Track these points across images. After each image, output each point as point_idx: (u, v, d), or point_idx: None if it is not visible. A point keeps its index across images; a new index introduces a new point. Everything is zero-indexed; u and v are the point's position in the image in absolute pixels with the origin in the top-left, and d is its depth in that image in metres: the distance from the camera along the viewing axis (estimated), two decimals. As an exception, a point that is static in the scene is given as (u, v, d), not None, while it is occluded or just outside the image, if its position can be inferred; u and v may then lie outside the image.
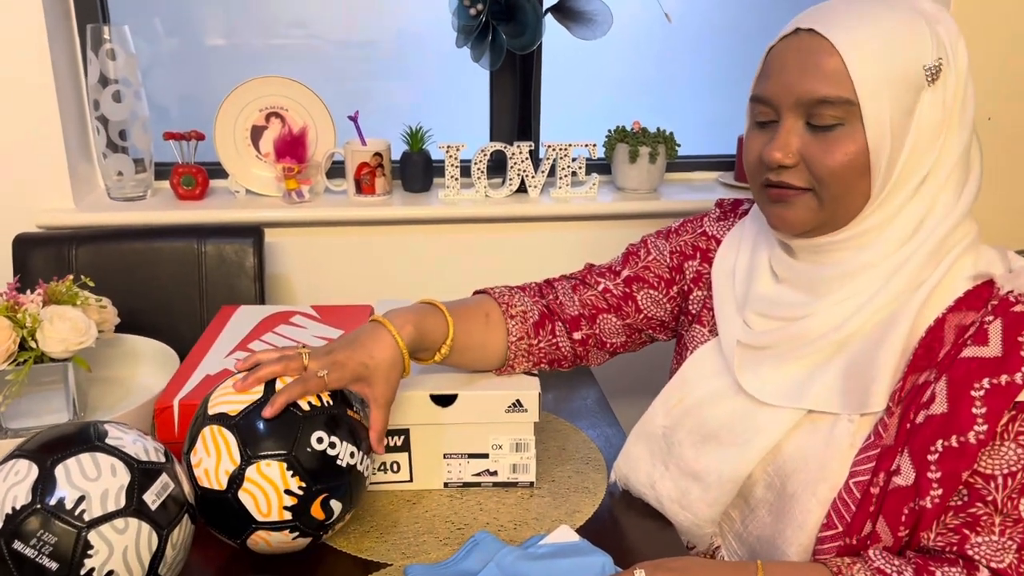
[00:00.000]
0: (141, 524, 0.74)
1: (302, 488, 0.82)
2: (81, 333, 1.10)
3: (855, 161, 0.81)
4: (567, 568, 0.84)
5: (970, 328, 0.81)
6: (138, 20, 1.67)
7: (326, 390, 0.86)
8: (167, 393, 1.02)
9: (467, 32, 1.62)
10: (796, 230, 0.87)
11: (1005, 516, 0.77)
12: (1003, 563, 0.77)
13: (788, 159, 0.84)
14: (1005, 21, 1.62)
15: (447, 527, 0.96)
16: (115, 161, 1.62)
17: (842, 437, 0.83)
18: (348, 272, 1.70)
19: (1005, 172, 1.70)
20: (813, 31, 0.82)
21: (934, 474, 0.78)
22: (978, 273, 0.84)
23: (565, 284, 1.09)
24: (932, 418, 0.79)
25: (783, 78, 0.83)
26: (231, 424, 0.82)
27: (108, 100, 1.57)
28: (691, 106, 1.88)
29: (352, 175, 1.65)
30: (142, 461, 0.76)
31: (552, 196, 1.71)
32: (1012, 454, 0.78)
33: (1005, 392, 0.77)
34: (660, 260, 1.07)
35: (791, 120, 0.84)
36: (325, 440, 0.83)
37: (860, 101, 0.80)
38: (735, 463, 0.89)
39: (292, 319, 1.24)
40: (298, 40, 1.76)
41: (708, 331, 1.01)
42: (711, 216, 1.09)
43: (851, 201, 0.84)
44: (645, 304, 1.06)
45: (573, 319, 1.06)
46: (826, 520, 0.82)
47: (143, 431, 0.82)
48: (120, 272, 1.49)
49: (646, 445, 0.99)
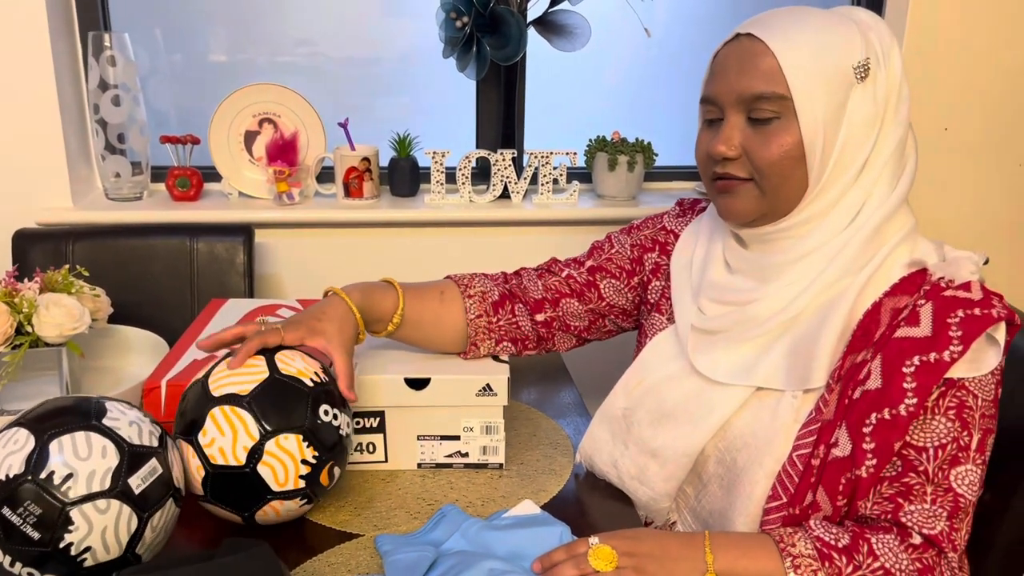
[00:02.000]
0: (123, 506, 0.76)
1: (316, 458, 0.88)
2: (75, 319, 1.16)
3: (791, 152, 0.88)
4: (527, 536, 0.89)
5: (904, 311, 0.87)
6: (141, 31, 1.74)
7: (282, 342, 0.93)
8: (155, 375, 1.07)
9: (453, 44, 1.68)
10: (742, 218, 0.94)
11: (936, 485, 0.83)
12: (935, 529, 0.82)
13: (731, 151, 0.91)
14: (960, 39, 1.69)
15: (418, 503, 1.01)
16: (113, 163, 1.68)
17: (786, 412, 0.89)
18: (335, 272, 1.76)
19: (959, 179, 1.77)
20: (751, 35, 0.90)
21: (868, 445, 0.84)
22: (913, 261, 0.90)
23: (531, 272, 1.16)
24: (867, 393, 0.85)
25: (725, 78, 0.91)
26: (244, 402, 0.87)
27: (107, 104, 1.63)
28: (669, 118, 1.94)
29: (341, 179, 1.72)
30: (134, 444, 0.79)
31: (534, 202, 1.77)
32: (942, 427, 0.84)
33: (934, 368, 0.83)
34: (622, 252, 1.14)
35: (734, 116, 0.91)
36: (330, 412, 0.90)
37: (793, 96, 0.87)
38: (689, 439, 0.95)
39: (278, 311, 1.29)
40: (302, 57, 1.83)
41: (666, 319, 1.07)
42: (671, 213, 1.16)
43: (790, 190, 0.90)
44: (607, 292, 1.13)
45: (536, 302, 1.12)
46: (771, 492, 0.88)
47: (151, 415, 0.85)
48: (115, 267, 1.54)
49: (608, 426, 1.04)
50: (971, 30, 1.69)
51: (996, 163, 1.78)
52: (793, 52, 0.87)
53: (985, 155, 1.77)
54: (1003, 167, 1.79)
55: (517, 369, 1.10)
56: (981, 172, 1.78)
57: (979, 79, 1.72)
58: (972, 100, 1.73)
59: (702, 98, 0.96)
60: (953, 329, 0.84)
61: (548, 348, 1.16)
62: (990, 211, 1.81)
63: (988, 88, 1.73)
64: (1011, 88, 1.74)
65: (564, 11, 1.68)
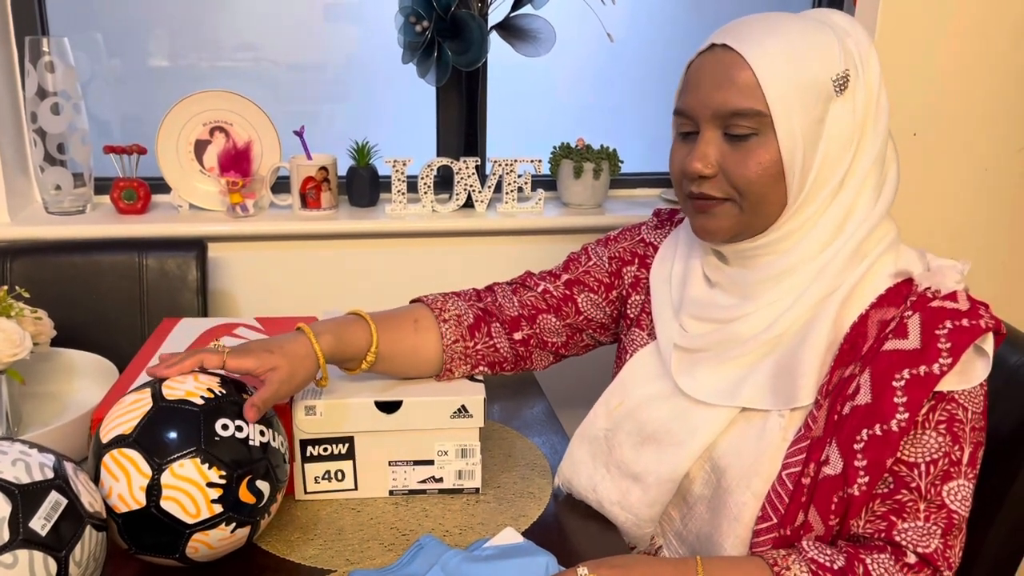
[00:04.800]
0: (32, 553, 0.69)
1: (223, 476, 0.81)
2: (15, 345, 1.08)
3: (770, 169, 0.85)
4: (511, 569, 0.84)
5: (891, 323, 0.85)
6: (80, 35, 1.65)
7: (222, 367, 0.87)
8: (106, 401, 1.00)
9: (413, 49, 1.63)
10: (719, 238, 0.91)
11: (929, 502, 0.81)
12: (929, 548, 0.80)
13: (707, 169, 0.87)
14: (929, 42, 1.70)
15: (392, 533, 0.95)
16: (53, 174, 1.59)
17: (773, 431, 0.86)
18: (293, 287, 1.69)
19: (927, 184, 1.78)
20: (727, 46, 0.86)
21: (860, 462, 0.81)
22: (898, 271, 0.88)
23: (504, 288, 1.11)
24: (857, 408, 0.83)
25: (700, 92, 0.87)
26: (129, 441, 0.81)
27: (46, 113, 1.54)
28: (634, 125, 1.92)
29: (297, 189, 1.65)
30: (23, 484, 0.72)
31: (499, 211, 1.73)
32: (933, 443, 0.81)
33: (924, 382, 0.81)
34: (600, 265, 1.10)
35: (710, 132, 0.87)
36: (230, 425, 0.83)
37: (772, 112, 0.83)
38: (673, 463, 0.91)
39: (235, 331, 1.23)
40: (245, 63, 1.76)
41: (647, 335, 1.04)
42: (648, 224, 1.12)
43: (769, 207, 0.87)
44: (585, 307, 1.09)
45: (513, 319, 1.08)
46: (761, 512, 0.85)
47: (42, 444, 0.78)
48: (57, 286, 1.46)
49: (588, 448, 1.00)
50: (938, 35, 1.70)
51: (963, 167, 1.80)
52: (771, 65, 0.83)
53: (951, 159, 1.78)
54: (969, 171, 1.81)
55: (486, 385, 1.05)
56: (949, 176, 1.79)
57: (945, 84, 1.73)
58: (939, 105, 1.74)
59: (676, 110, 0.92)
60: (942, 341, 0.82)
61: (525, 367, 1.11)
62: (959, 215, 1.83)
63: (954, 92, 1.74)
64: (975, 92, 1.75)
65: (527, 15, 1.64)
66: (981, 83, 1.75)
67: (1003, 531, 0.98)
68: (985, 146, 1.79)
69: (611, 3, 1.67)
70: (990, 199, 1.83)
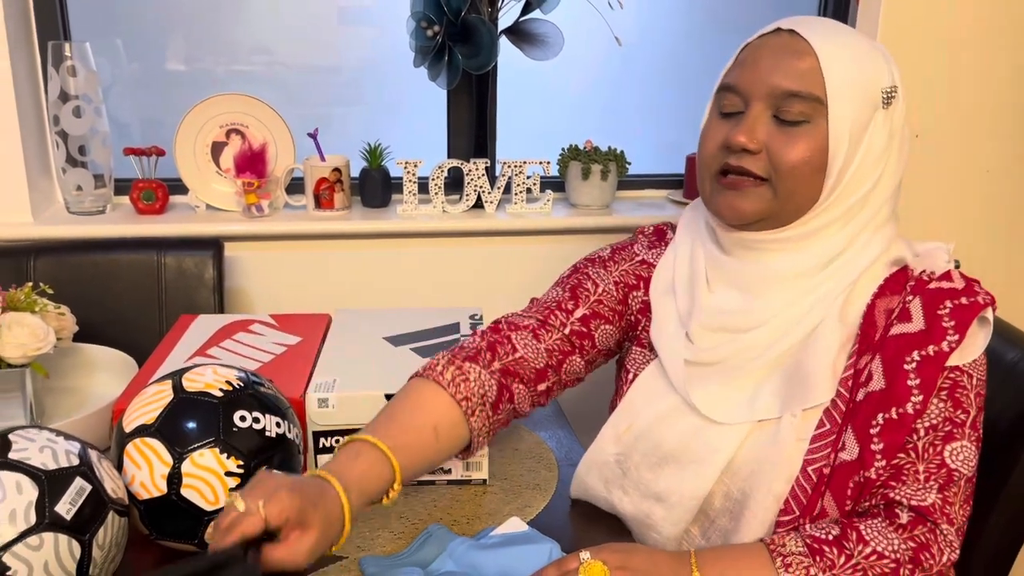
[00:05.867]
0: (58, 536, 0.73)
1: (241, 466, 0.84)
2: (39, 339, 1.12)
3: (814, 158, 0.86)
4: (516, 555, 0.87)
5: (896, 309, 0.87)
6: (101, 40, 1.69)
7: (264, 525, 0.71)
8: (126, 394, 1.04)
9: (424, 53, 1.67)
10: (746, 219, 0.90)
11: (928, 462, 0.83)
12: (925, 501, 0.82)
13: (752, 144, 0.87)
14: (931, 45, 1.72)
15: (401, 523, 0.98)
16: (74, 175, 1.63)
17: (787, 433, 0.87)
18: (307, 285, 1.73)
19: (929, 186, 1.80)
20: (794, 32, 0.87)
21: (876, 445, 0.84)
22: (893, 260, 0.91)
23: (523, 333, 1.00)
24: (872, 395, 0.85)
25: (758, 69, 0.88)
26: (152, 431, 0.84)
27: (68, 115, 1.58)
28: (641, 127, 1.94)
29: (311, 190, 1.69)
30: (50, 471, 0.75)
31: (508, 212, 1.76)
32: (934, 408, 0.84)
33: (934, 361, 0.84)
34: (608, 292, 1.04)
35: (759, 110, 0.88)
36: (248, 417, 0.86)
37: (828, 101, 0.85)
38: (696, 482, 0.91)
39: (251, 327, 1.26)
40: (260, 66, 1.80)
41: (649, 351, 1.02)
42: (641, 244, 1.09)
43: (801, 198, 0.88)
44: (601, 339, 1.04)
45: (539, 372, 0.99)
46: (784, 506, 0.86)
47: (68, 432, 0.81)
48: (79, 283, 1.50)
49: (599, 473, 0.99)
50: (940, 37, 1.72)
51: (964, 169, 1.81)
52: (835, 57, 0.85)
53: (953, 162, 1.80)
54: (971, 173, 1.82)
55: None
56: (951, 178, 1.81)
57: (947, 86, 1.75)
58: (940, 107, 1.76)
59: (723, 86, 0.91)
60: (946, 320, 0.85)
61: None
62: (960, 217, 1.84)
63: (955, 95, 1.76)
64: (977, 95, 1.77)
65: (536, 20, 1.67)
66: (983, 85, 1.76)
67: (1001, 523, 1.00)
68: (987, 148, 1.81)
69: (619, 7, 1.70)
70: (992, 201, 1.85)
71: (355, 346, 1.16)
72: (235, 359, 1.14)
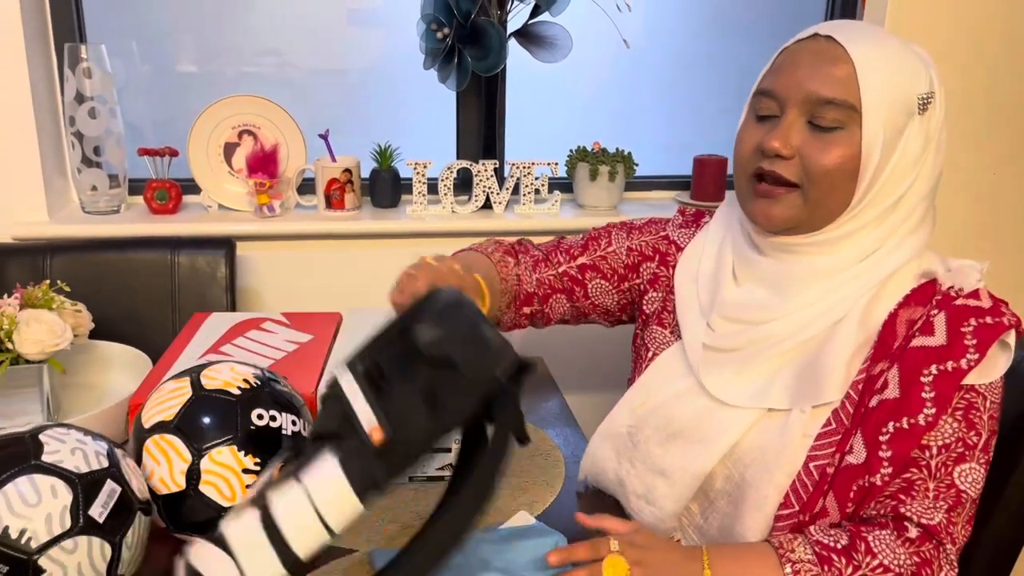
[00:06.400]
0: (91, 539, 0.75)
1: (258, 464, 0.87)
2: (57, 335, 1.14)
3: (847, 164, 0.87)
4: (523, 549, 0.89)
5: (918, 321, 0.88)
6: (116, 42, 1.72)
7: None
8: (141, 391, 1.06)
9: (434, 55, 1.69)
10: (778, 226, 0.91)
11: (939, 481, 0.84)
12: (933, 520, 0.83)
13: (786, 150, 0.88)
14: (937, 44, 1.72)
15: (411, 516, 1.00)
16: (89, 176, 1.66)
17: (795, 427, 0.89)
18: (317, 284, 1.75)
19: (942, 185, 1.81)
20: (831, 38, 0.88)
21: (885, 453, 0.84)
22: (923, 272, 0.91)
23: (527, 259, 1.14)
24: (885, 402, 0.86)
25: (795, 75, 0.88)
26: (171, 428, 0.86)
27: (84, 116, 1.61)
28: (649, 129, 1.96)
29: (322, 191, 1.71)
30: (83, 474, 0.76)
31: (516, 212, 1.77)
32: (948, 428, 0.85)
33: (952, 376, 0.84)
34: (617, 254, 1.12)
35: (794, 115, 0.88)
36: (265, 415, 0.88)
37: (863, 109, 0.85)
38: (700, 459, 0.93)
39: (263, 325, 1.28)
40: (271, 68, 1.82)
41: (670, 333, 1.05)
42: (675, 222, 1.13)
43: (833, 204, 0.89)
44: (594, 292, 1.13)
45: (527, 295, 1.12)
46: (784, 500, 0.88)
47: (91, 430, 0.83)
48: (94, 282, 1.52)
49: (612, 444, 1.01)
50: (946, 36, 1.73)
51: (971, 169, 1.82)
52: (872, 64, 0.86)
53: (960, 161, 1.80)
54: (978, 172, 1.83)
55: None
56: (958, 178, 1.81)
57: (954, 85, 1.74)
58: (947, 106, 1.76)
59: (760, 90, 0.92)
60: (968, 337, 0.85)
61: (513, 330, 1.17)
62: (968, 216, 1.85)
63: (962, 94, 1.76)
64: (984, 94, 1.78)
65: (545, 22, 1.69)
66: (990, 84, 1.77)
67: (1003, 520, 1.01)
68: (990, 149, 1.81)
69: (627, 10, 1.72)
70: (999, 201, 1.85)
71: (365, 344, 1.18)
72: (247, 356, 1.16)
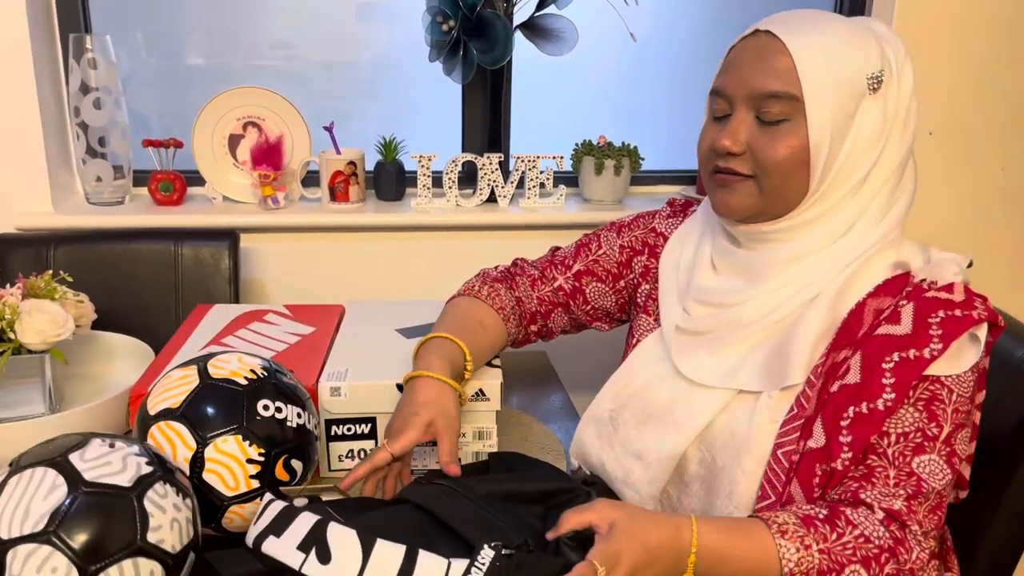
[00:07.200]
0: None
1: (262, 454, 0.86)
2: (59, 325, 1.14)
3: (797, 155, 0.88)
4: None
5: (886, 311, 0.88)
6: (121, 33, 1.72)
7: (393, 454, 0.91)
8: (143, 381, 1.06)
9: (439, 47, 1.68)
10: (737, 214, 0.94)
11: (898, 470, 0.84)
12: (893, 506, 0.83)
13: (735, 147, 0.90)
14: (945, 41, 1.71)
15: (411, 509, 1.00)
16: (94, 167, 1.66)
17: (763, 411, 0.90)
18: (321, 276, 1.75)
19: (943, 183, 1.79)
20: (770, 33, 0.89)
21: (845, 438, 0.85)
22: (897, 263, 0.91)
23: (525, 279, 1.16)
24: (846, 387, 0.86)
25: (739, 73, 0.90)
26: (177, 415, 0.86)
27: (88, 107, 1.61)
28: (655, 123, 1.95)
29: (326, 183, 1.70)
30: (176, 554, 0.76)
31: (521, 206, 1.77)
32: (909, 417, 0.85)
33: (913, 365, 0.84)
34: (610, 254, 1.14)
35: (742, 113, 0.90)
36: (271, 406, 0.88)
37: (805, 99, 0.86)
38: (672, 441, 0.95)
39: (265, 317, 1.28)
40: (279, 61, 1.82)
41: (653, 320, 1.07)
42: (662, 214, 1.15)
43: (789, 192, 0.90)
44: (593, 296, 1.14)
45: (531, 314, 1.14)
46: (760, 492, 0.88)
47: (186, 487, 0.81)
48: (97, 272, 1.52)
49: (595, 428, 1.04)
50: (954, 34, 1.72)
51: (979, 166, 1.81)
52: (810, 54, 0.87)
53: (967, 158, 1.79)
54: (985, 169, 1.81)
55: (505, 373, 1.09)
56: (965, 175, 1.80)
57: (961, 83, 1.74)
58: (955, 104, 1.75)
59: (712, 90, 0.95)
60: (933, 328, 0.85)
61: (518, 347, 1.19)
62: (974, 214, 1.84)
63: (970, 91, 1.75)
64: (992, 91, 1.76)
65: (551, 15, 1.68)
66: (998, 82, 1.76)
67: (1004, 522, 1.00)
68: (1001, 145, 1.80)
69: (634, 3, 1.71)
70: (1006, 198, 1.84)
71: (367, 337, 1.18)
72: (250, 348, 1.16)
